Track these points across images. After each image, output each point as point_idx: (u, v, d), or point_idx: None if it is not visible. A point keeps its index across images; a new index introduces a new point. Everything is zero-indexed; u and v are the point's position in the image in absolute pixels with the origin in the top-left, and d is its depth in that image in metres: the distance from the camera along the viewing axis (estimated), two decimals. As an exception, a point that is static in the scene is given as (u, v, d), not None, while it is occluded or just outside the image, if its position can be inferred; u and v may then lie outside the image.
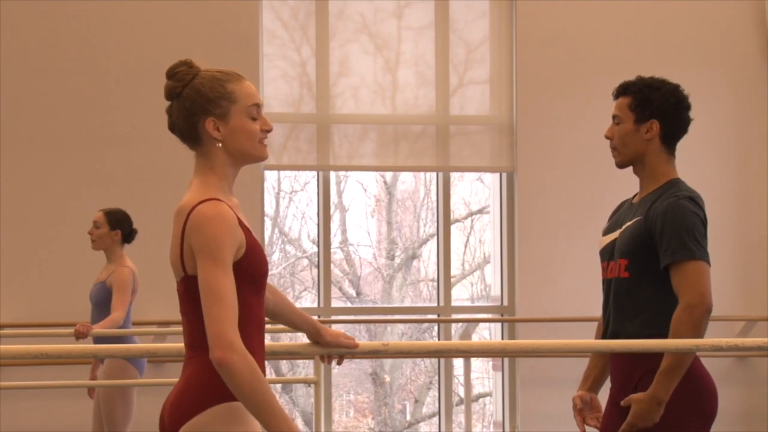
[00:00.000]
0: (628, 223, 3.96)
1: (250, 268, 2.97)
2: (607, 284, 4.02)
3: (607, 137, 4.03)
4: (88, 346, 4.26)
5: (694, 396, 3.82)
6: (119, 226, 6.81)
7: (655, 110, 3.94)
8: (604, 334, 4.03)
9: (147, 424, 7.91)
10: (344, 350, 3.31)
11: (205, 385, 2.93)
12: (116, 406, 6.60)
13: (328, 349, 3.31)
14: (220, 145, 3.03)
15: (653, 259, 3.86)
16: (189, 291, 2.98)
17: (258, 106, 3.06)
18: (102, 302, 6.71)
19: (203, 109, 3.02)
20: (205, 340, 2.90)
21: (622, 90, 4.02)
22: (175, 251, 2.98)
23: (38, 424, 8.14)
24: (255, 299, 2.99)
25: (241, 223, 2.99)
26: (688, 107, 3.99)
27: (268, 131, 3.07)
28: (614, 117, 4.02)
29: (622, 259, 3.94)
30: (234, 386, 2.84)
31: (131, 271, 6.71)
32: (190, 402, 2.94)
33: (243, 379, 2.82)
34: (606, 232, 4.08)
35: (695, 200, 3.89)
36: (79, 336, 6.45)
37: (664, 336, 3.80)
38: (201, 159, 3.06)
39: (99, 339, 6.53)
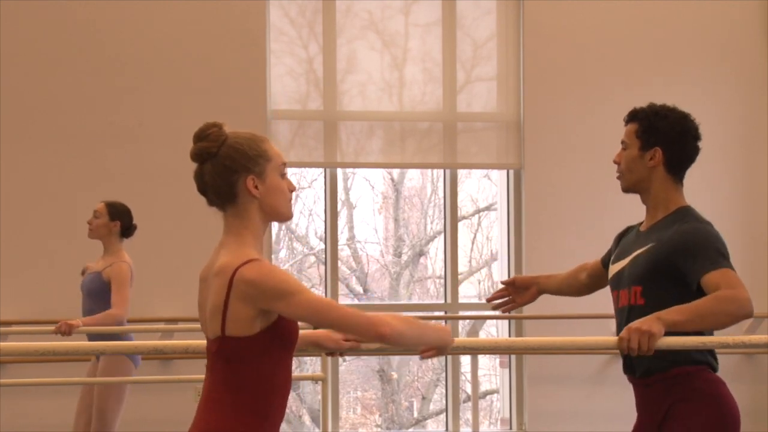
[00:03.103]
0: (639, 251, 3.91)
1: (282, 331, 2.97)
2: (620, 313, 3.96)
3: (615, 162, 4.03)
4: (95, 343, 4.27)
5: (718, 422, 3.78)
6: (119, 218, 6.77)
7: (660, 138, 3.92)
8: (626, 365, 3.97)
9: (149, 421, 7.94)
10: (347, 348, 3.37)
11: None
12: (110, 402, 6.56)
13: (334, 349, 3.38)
14: (257, 203, 3.03)
15: (668, 285, 3.81)
16: (222, 351, 2.97)
17: (285, 165, 3.08)
18: (95, 293, 6.67)
19: (243, 167, 3.01)
20: (225, 396, 2.93)
21: (632, 116, 4.00)
22: (215, 311, 2.96)
23: (40, 422, 8.13)
24: (284, 362, 3.00)
25: None
26: (695, 137, 3.95)
27: (292, 191, 3.09)
28: (622, 143, 4.02)
29: (635, 286, 3.89)
30: (406, 341, 2.95)
31: (129, 266, 6.68)
32: None
33: (407, 334, 2.94)
34: (614, 261, 4.06)
35: (713, 227, 3.88)
36: (63, 333, 6.42)
37: (679, 364, 3.79)
38: (234, 219, 3.04)
39: (95, 336, 6.50)
